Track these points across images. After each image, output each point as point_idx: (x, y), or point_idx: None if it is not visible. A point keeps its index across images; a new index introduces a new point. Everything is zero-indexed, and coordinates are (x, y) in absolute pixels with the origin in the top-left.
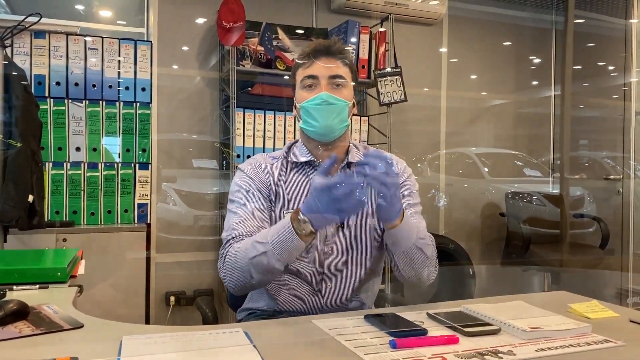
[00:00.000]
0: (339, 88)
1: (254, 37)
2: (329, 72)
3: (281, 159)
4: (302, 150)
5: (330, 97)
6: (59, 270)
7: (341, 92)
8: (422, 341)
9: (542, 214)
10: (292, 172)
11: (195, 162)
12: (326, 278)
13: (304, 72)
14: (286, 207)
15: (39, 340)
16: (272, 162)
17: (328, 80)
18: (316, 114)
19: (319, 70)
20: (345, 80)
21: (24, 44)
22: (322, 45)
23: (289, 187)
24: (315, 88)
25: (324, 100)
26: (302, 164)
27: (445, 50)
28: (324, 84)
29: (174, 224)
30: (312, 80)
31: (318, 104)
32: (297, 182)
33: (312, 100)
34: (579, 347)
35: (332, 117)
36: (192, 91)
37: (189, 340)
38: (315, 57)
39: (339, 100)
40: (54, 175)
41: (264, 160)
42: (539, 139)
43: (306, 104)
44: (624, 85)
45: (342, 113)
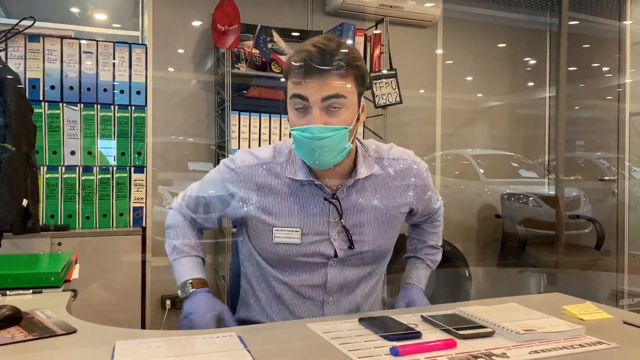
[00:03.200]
0: (336, 111)
1: (249, 40)
2: (322, 94)
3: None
4: (300, 163)
5: (323, 130)
6: (53, 275)
7: (339, 116)
8: (421, 347)
9: (537, 215)
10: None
11: (191, 165)
12: (328, 292)
13: (293, 89)
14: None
15: (31, 346)
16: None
17: (321, 104)
18: (307, 148)
19: (310, 92)
20: (346, 99)
21: (18, 48)
22: (315, 55)
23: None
24: (306, 112)
25: (314, 136)
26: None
27: (440, 52)
28: (315, 111)
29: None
30: (302, 102)
31: (308, 138)
32: (295, 198)
33: (301, 130)
34: (573, 349)
35: (326, 151)
36: (188, 94)
37: (183, 345)
38: (306, 73)
39: (334, 131)
40: (49, 179)
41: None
42: (535, 140)
43: (295, 133)
44: (618, 86)
45: (339, 144)
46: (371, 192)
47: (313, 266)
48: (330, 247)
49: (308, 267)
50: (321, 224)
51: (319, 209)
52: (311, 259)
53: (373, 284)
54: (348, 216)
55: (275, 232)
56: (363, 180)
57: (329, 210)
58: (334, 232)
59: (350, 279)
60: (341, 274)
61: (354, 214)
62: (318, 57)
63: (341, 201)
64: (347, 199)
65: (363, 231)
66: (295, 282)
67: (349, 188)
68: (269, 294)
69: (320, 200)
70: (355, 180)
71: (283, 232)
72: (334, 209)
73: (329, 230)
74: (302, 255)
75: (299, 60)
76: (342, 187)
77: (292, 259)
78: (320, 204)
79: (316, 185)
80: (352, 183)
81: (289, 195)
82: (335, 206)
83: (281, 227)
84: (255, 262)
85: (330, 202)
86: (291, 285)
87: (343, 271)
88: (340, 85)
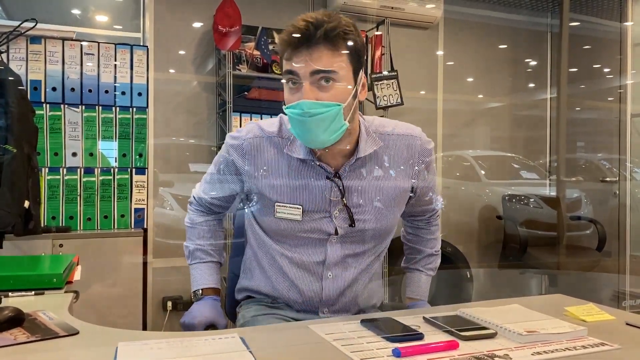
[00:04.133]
0: (328, 86)
1: (250, 42)
2: (311, 68)
3: (273, 136)
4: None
5: (314, 105)
6: (55, 277)
7: (330, 91)
8: (424, 349)
9: (539, 216)
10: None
11: (192, 166)
12: (327, 267)
13: (285, 64)
14: (279, 199)
15: (34, 347)
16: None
17: (311, 79)
18: (299, 126)
19: (300, 67)
20: (337, 74)
21: (20, 50)
22: (303, 29)
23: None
24: (298, 88)
25: (304, 112)
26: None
27: (441, 54)
28: (306, 85)
29: (171, 228)
30: (293, 77)
31: (298, 114)
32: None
33: (292, 107)
34: (575, 351)
35: (319, 129)
36: (189, 96)
37: (185, 346)
38: (294, 48)
39: (326, 107)
40: (50, 181)
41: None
42: (536, 142)
43: (288, 111)
44: (619, 88)
45: (332, 122)
46: (374, 170)
47: (313, 241)
48: (331, 225)
49: (308, 242)
50: (322, 202)
51: (320, 188)
52: (312, 235)
53: (372, 260)
54: (350, 195)
55: (277, 207)
56: (366, 158)
57: (330, 188)
58: (335, 210)
59: (349, 255)
60: (340, 250)
61: (356, 193)
62: (305, 30)
63: (343, 180)
64: (349, 178)
65: (365, 210)
66: (294, 255)
67: (351, 166)
68: (271, 265)
69: (322, 178)
70: (357, 159)
71: (285, 208)
72: (336, 187)
73: (331, 208)
74: (303, 231)
75: (288, 35)
76: (344, 166)
77: (293, 234)
78: (322, 182)
79: (317, 164)
80: (354, 161)
81: (292, 171)
82: (337, 185)
83: (283, 203)
84: (256, 234)
85: (332, 181)
86: (291, 258)
87: (342, 247)
88: (331, 59)
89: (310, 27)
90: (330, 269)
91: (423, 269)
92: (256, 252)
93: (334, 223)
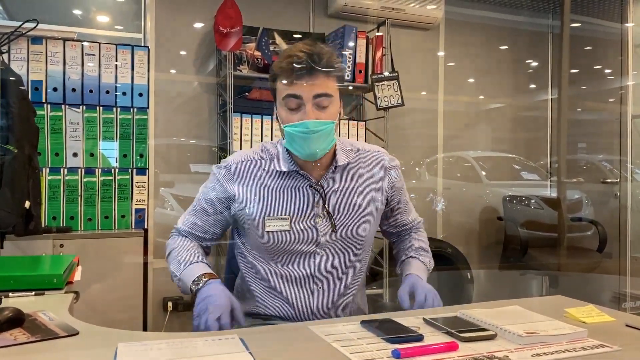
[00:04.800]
0: (326, 108)
1: (251, 42)
2: (314, 92)
3: (258, 159)
4: (285, 157)
5: (316, 124)
6: (55, 277)
7: (327, 111)
8: (424, 350)
9: (539, 217)
10: (274, 175)
11: (193, 167)
12: (317, 280)
13: (286, 89)
14: (267, 212)
15: (34, 348)
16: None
17: (313, 101)
18: (301, 142)
19: (303, 91)
20: (332, 97)
21: (21, 50)
22: (304, 58)
23: (271, 191)
24: (299, 110)
25: (309, 130)
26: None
27: (442, 54)
28: (308, 107)
29: (171, 229)
30: (295, 100)
31: (303, 132)
32: (281, 188)
33: (295, 126)
34: (575, 352)
35: (318, 144)
36: (190, 96)
37: (185, 347)
38: (298, 76)
39: (325, 124)
40: (51, 181)
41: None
42: (537, 143)
43: (290, 130)
44: (620, 89)
45: (328, 136)
46: (350, 179)
47: (302, 255)
48: (315, 232)
49: (297, 256)
50: (308, 210)
51: (305, 196)
52: (299, 246)
53: (356, 273)
54: (330, 201)
55: (266, 221)
56: (342, 168)
57: (314, 196)
58: (318, 217)
59: (337, 266)
60: (328, 261)
61: (336, 200)
62: (307, 60)
63: (324, 188)
64: (329, 186)
65: (344, 216)
66: (285, 272)
67: (331, 174)
68: (263, 285)
69: (306, 187)
70: (335, 167)
71: (274, 221)
72: (318, 195)
73: (314, 215)
74: (292, 242)
75: (290, 64)
76: (325, 174)
77: (282, 248)
78: (305, 191)
79: (300, 174)
80: (333, 169)
81: (278, 186)
82: (319, 192)
83: (272, 216)
84: (246, 259)
85: (315, 189)
86: (281, 274)
87: (329, 259)
88: (327, 84)
89: (310, 57)
90: (320, 282)
91: (416, 256)
92: (245, 278)
93: (317, 230)
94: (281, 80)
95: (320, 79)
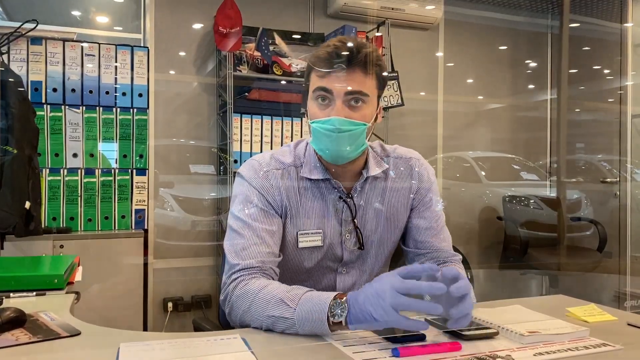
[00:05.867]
0: (358, 107)
1: (251, 43)
2: (347, 88)
3: (290, 166)
4: (315, 162)
5: (345, 122)
6: (56, 277)
7: (360, 111)
8: (425, 349)
9: (539, 217)
10: (304, 184)
11: (193, 167)
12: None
13: (318, 81)
14: (301, 226)
15: (36, 348)
16: (280, 167)
17: (344, 98)
18: (326, 140)
19: (335, 85)
20: (367, 97)
21: (21, 51)
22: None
23: (303, 202)
24: (329, 105)
25: (335, 128)
26: (315, 180)
27: (441, 55)
28: (338, 103)
29: (171, 229)
30: (326, 94)
31: (329, 130)
32: (313, 199)
33: (322, 122)
34: (577, 351)
35: (345, 145)
36: (189, 97)
37: (187, 347)
38: (332, 67)
39: (355, 125)
40: (51, 182)
41: (270, 166)
42: (536, 143)
43: (316, 125)
44: (619, 89)
45: (357, 139)
46: (381, 192)
47: (323, 271)
48: (340, 249)
49: (318, 272)
50: (336, 224)
51: (335, 209)
52: (324, 262)
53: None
54: (359, 215)
55: (300, 236)
56: (373, 179)
57: (342, 209)
58: (345, 233)
59: (358, 283)
60: (349, 280)
61: (364, 214)
62: (345, 52)
63: (355, 200)
64: (359, 198)
65: (371, 231)
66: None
67: (361, 185)
68: None
69: (336, 199)
70: (367, 178)
71: (307, 236)
72: (347, 207)
73: (342, 229)
74: (319, 258)
75: (326, 54)
76: (355, 185)
77: (307, 265)
78: (335, 203)
79: (332, 184)
80: (364, 180)
81: (310, 196)
82: (348, 205)
83: (305, 231)
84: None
85: (345, 202)
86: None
87: (351, 278)
88: (364, 82)
89: (353, 50)
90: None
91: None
92: None
93: (342, 246)
94: (315, 71)
95: (357, 75)
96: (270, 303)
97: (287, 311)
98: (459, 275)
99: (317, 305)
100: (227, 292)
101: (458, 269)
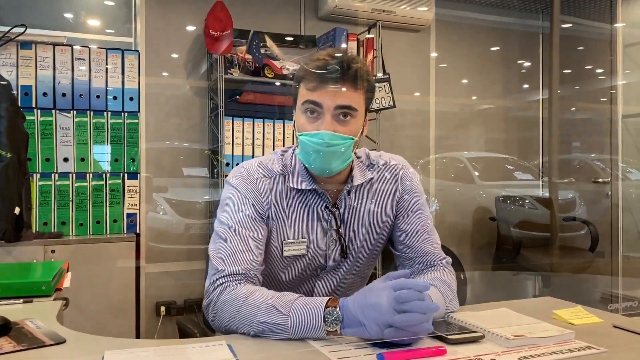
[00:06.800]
0: (347, 121)
1: (242, 46)
2: (336, 102)
3: (278, 174)
4: (302, 172)
5: (334, 137)
6: (44, 284)
7: (348, 125)
8: (409, 354)
9: (532, 217)
10: (291, 193)
11: (185, 170)
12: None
13: (307, 95)
14: (287, 235)
15: (20, 357)
16: (269, 175)
17: (334, 112)
18: (314, 154)
19: (324, 99)
20: (356, 111)
21: (10, 55)
22: (332, 64)
23: (289, 211)
24: (318, 118)
25: (324, 142)
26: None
27: (433, 56)
28: (328, 118)
29: (164, 233)
30: (315, 107)
31: (318, 144)
32: (299, 208)
33: (311, 136)
34: (562, 354)
35: (333, 159)
36: (181, 100)
37: (173, 354)
38: (322, 81)
39: (344, 139)
40: (42, 187)
41: (259, 173)
42: (529, 143)
43: (304, 138)
44: (611, 88)
45: (345, 153)
46: (365, 200)
47: (304, 278)
48: (324, 257)
49: (298, 278)
50: (321, 233)
51: (320, 218)
52: (306, 270)
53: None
54: (344, 225)
55: (285, 245)
56: (358, 187)
57: (328, 218)
58: (330, 241)
59: (338, 288)
60: (330, 286)
61: (349, 223)
62: (335, 66)
63: (340, 209)
64: (344, 207)
65: (355, 240)
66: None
67: (346, 194)
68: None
69: (322, 208)
70: (351, 187)
71: (292, 245)
72: (332, 217)
73: (327, 239)
74: (302, 266)
75: (316, 68)
76: (340, 195)
77: (288, 272)
78: (321, 213)
79: (318, 193)
80: (348, 189)
81: (296, 205)
82: (333, 214)
83: (290, 240)
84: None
85: (330, 211)
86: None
87: (331, 284)
88: (353, 97)
89: (339, 64)
90: None
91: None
92: None
93: (326, 255)
94: (304, 84)
95: (347, 90)
96: (261, 309)
97: (279, 317)
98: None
99: (311, 312)
100: (211, 298)
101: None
